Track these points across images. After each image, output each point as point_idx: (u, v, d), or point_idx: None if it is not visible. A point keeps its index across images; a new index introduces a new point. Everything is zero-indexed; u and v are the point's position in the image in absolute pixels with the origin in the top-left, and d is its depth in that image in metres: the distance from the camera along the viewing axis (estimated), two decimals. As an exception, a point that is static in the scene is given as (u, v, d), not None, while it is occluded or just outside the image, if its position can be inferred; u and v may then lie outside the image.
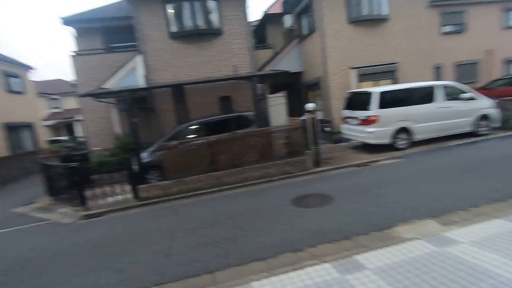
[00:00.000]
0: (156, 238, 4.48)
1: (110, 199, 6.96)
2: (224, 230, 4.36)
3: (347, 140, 9.39)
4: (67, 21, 11.04)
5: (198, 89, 10.18)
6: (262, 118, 8.72)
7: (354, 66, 10.72)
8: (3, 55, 15.81)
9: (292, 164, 7.19)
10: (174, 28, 10.20)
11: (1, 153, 14.40)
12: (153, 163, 7.28)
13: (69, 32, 11.39)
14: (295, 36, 12.77)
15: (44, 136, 19.62)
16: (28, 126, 17.29)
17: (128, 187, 6.95)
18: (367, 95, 7.93)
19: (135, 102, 8.69)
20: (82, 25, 11.29)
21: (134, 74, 10.07)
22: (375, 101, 7.68)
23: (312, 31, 11.33)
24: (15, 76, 16.65)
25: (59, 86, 28.49)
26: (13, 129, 15.70)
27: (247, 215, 4.89)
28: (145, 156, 7.41)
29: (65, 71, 66.67)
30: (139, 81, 9.95)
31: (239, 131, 7.64)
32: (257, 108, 9.17)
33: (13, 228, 6.19)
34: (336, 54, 10.71)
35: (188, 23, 10.23)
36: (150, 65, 10.12)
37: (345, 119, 8.95)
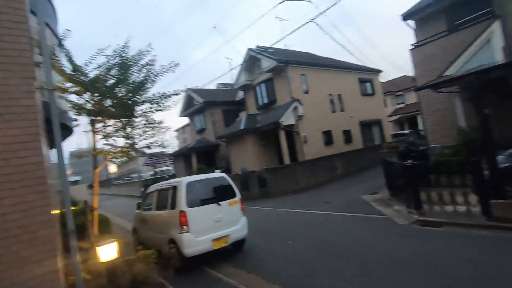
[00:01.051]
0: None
1: (448, 208, 5.84)
2: None
3: None
4: (407, 16, 10.94)
5: None
6: None
7: None
8: (358, 65, 19.38)
9: None
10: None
11: (358, 145, 17.91)
12: (515, 170, 5.09)
13: (409, 27, 11.34)
14: None
15: (389, 130, 21.71)
16: (377, 123, 20.01)
17: (474, 198, 5.41)
18: None
19: (487, 86, 6.62)
20: (421, 14, 10.63)
21: (487, 49, 7.79)
22: None
23: None
24: (367, 81, 19.85)
25: (403, 82, 30.13)
26: (365, 125, 18.94)
27: None
28: (501, 159, 5.38)
29: (408, 67, 69.97)
30: (495, 57, 7.50)
31: None
32: None
33: (357, 214, 7.16)
34: None
35: None
36: (513, 31, 7.28)
37: None
